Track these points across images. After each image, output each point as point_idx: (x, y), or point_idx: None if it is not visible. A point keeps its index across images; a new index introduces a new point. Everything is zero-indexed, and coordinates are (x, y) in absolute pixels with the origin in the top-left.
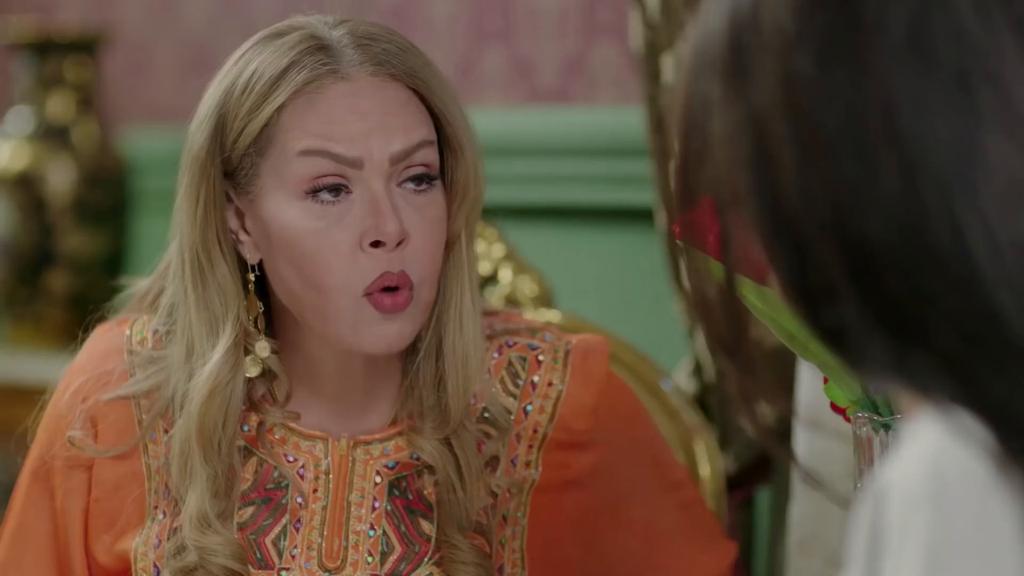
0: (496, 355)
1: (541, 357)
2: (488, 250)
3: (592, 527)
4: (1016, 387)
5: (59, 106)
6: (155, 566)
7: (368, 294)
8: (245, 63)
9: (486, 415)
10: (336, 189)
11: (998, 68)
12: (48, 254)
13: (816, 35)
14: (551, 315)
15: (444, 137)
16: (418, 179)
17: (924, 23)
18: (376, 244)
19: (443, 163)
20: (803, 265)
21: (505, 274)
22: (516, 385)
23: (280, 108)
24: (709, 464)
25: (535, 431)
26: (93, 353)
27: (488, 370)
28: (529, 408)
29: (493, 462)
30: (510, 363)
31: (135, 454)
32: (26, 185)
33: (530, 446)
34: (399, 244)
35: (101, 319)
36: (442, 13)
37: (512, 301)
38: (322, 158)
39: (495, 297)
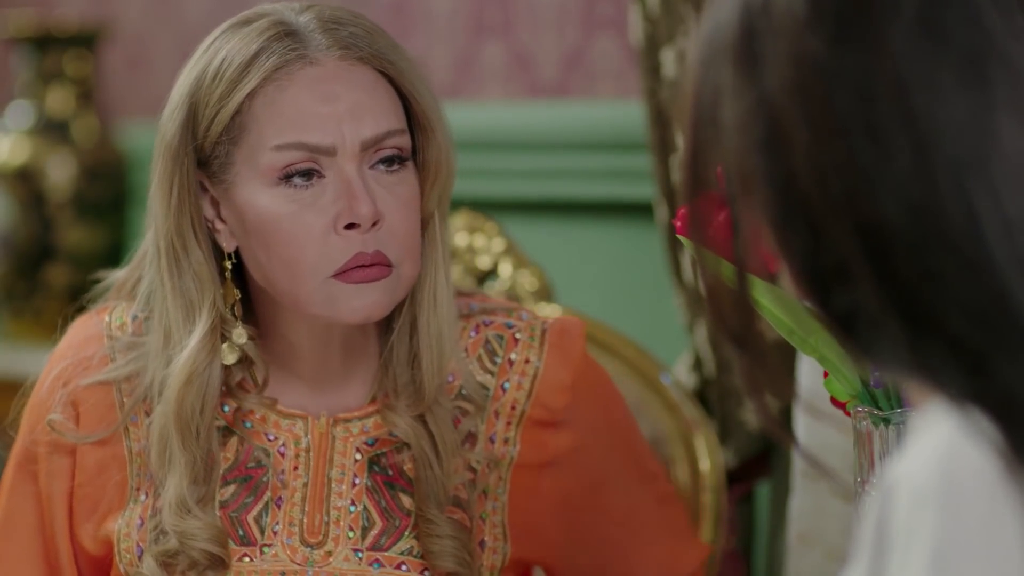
0: (473, 334)
1: (518, 335)
2: (488, 244)
3: (573, 511)
4: None
5: (59, 100)
6: (138, 546)
7: (337, 275)
8: (215, 51)
9: (463, 392)
10: (308, 174)
11: (1010, 49)
12: (48, 248)
13: (828, 17)
14: (551, 309)
15: (414, 118)
16: (389, 160)
17: (937, 4)
18: (350, 226)
19: (414, 144)
20: (816, 248)
21: (505, 268)
22: (493, 363)
23: (251, 95)
24: (709, 458)
25: (513, 407)
26: (73, 340)
27: (465, 348)
28: (507, 385)
29: (471, 438)
30: (487, 341)
31: (116, 437)
32: (26, 179)
33: (508, 423)
34: (373, 225)
35: (82, 311)
36: (442, 7)
37: (512, 295)
38: (296, 150)
39: (495, 291)
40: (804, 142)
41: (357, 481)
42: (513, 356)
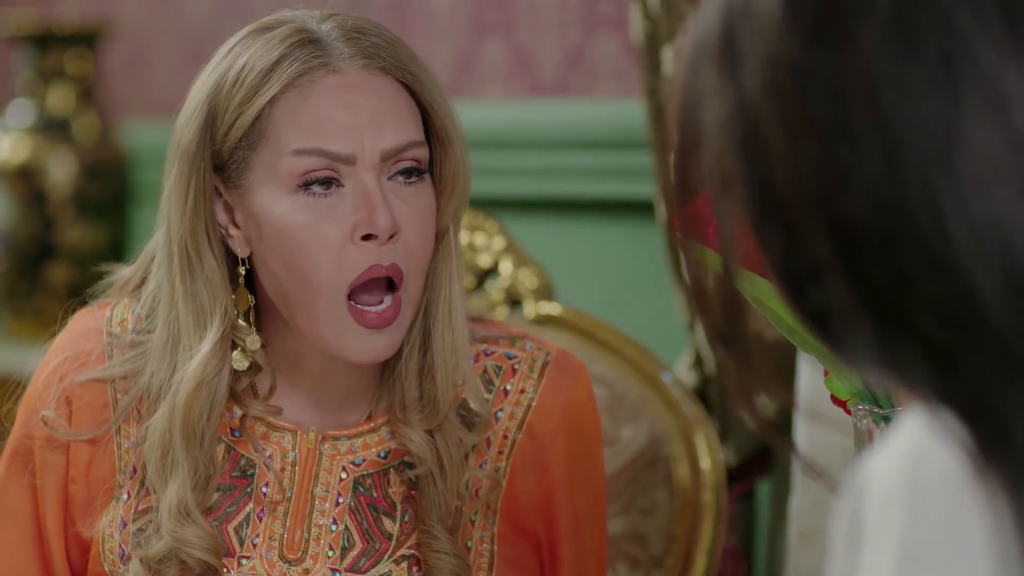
0: (472, 362)
1: (517, 366)
2: (489, 243)
3: (544, 548)
4: (992, 374)
5: (59, 99)
6: (120, 547)
7: (351, 295)
8: (235, 56)
9: (465, 409)
10: (327, 182)
11: (981, 51)
12: (48, 246)
13: (803, 17)
14: (551, 308)
15: (433, 130)
16: (407, 172)
17: (909, 5)
18: (368, 237)
19: (431, 156)
20: (791, 246)
21: (506, 267)
22: (489, 391)
23: (272, 101)
24: (709, 456)
25: (505, 436)
26: (72, 333)
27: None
28: (500, 414)
29: (473, 453)
30: (485, 371)
31: (107, 434)
32: (26, 177)
33: (500, 452)
34: (391, 237)
35: (83, 305)
36: (442, 6)
37: (512, 294)
38: (316, 156)
39: (495, 290)
40: (780, 142)
41: (341, 500)
42: (509, 386)
